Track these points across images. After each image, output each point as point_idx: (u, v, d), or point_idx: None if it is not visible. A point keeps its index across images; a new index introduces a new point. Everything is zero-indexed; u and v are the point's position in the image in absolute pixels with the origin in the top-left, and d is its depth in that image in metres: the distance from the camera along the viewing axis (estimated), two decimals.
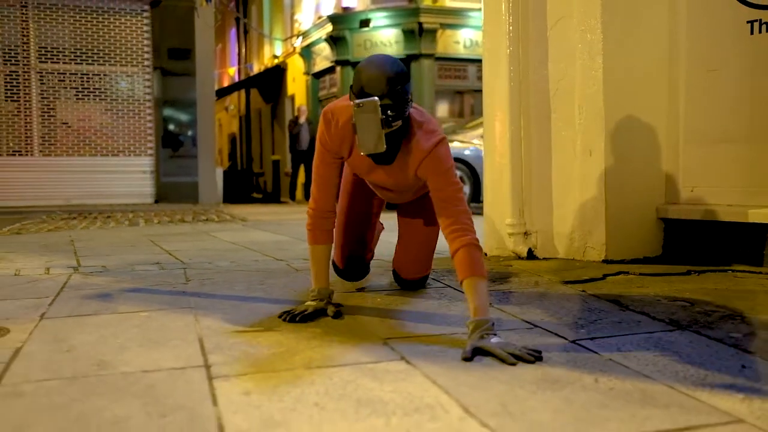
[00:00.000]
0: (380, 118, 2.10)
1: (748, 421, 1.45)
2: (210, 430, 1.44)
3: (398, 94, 2.15)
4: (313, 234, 2.47)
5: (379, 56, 2.27)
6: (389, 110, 2.14)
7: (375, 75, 2.15)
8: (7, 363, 1.93)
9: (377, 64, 2.20)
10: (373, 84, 2.14)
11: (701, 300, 2.54)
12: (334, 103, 2.44)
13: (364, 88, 2.15)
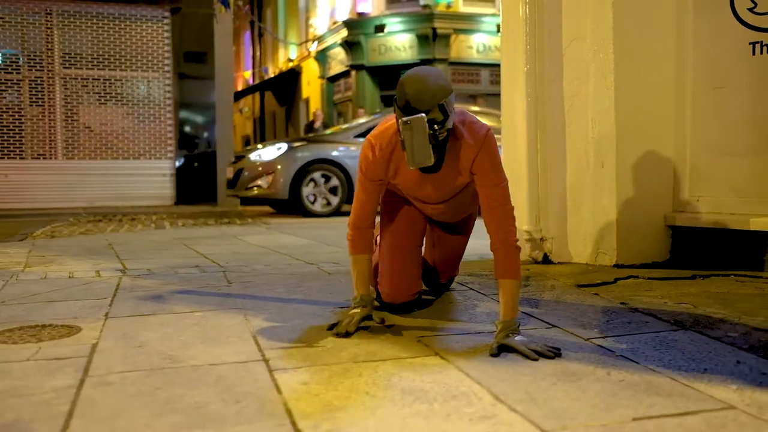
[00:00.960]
0: (428, 133, 2.16)
1: (739, 408, 1.70)
2: (279, 413, 1.70)
3: (443, 108, 2.20)
4: (354, 244, 2.53)
5: (422, 70, 2.28)
6: (435, 124, 2.19)
7: (420, 90, 2.18)
8: (88, 357, 2.20)
9: (421, 78, 2.21)
10: (419, 99, 2.17)
11: (704, 303, 2.79)
12: (374, 131, 2.52)
13: (410, 102, 2.18)
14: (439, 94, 2.20)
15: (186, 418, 1.67)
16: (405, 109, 2.20)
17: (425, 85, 2.19)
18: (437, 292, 3.10)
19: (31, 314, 2.80)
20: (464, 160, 2.38)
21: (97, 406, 1.77)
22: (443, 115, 2.21)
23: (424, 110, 2.17)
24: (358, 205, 2.54)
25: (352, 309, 2.47)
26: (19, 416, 1.69)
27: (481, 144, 2.35)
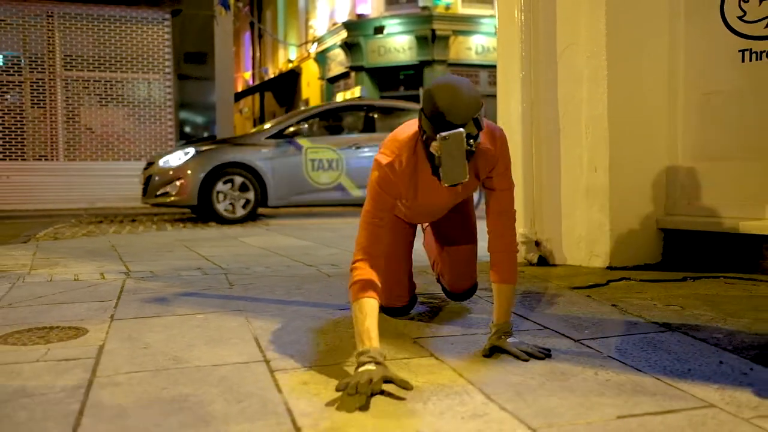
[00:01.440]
0: (465, 149, 2.03)
1: (718, 406, 1.78)
2: (280, 412, 1.78)
3: (477, 121, 2.08)
4: (361, 287, 2.13)
5: (453, 80, 2.12)
6: (471, 139, 2.07)
7: (457, 104, 2.03)
8: (96, 358, 2.28)
9: (455, 89, 2.06)
10: (456, 113, 2.02)
11: (692, 304, 2.87)
12: (386, 148, 2.29)
13: (446, 116, 2.01)
14: (473, 106, 2.06)
15: (192, 417, 1.75)
16: (437, 122, 2.04)
17: (460, 98, 2.04)
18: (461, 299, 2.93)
19: (39, 316, 2.89)
20: (483, 166, 2.30)
21: (105, 405, 1.85)
22: (477, 129, 2.08)
23: (460, 124, 2.02)
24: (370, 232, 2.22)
25: (364, 365, 1.94)
26: (32, 415, 1.78)
27: (500, 149, 2.29)
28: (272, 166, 8.44)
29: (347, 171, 8.69)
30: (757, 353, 2.21)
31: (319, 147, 8.66)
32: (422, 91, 2.19)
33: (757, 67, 3.50)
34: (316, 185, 8.61)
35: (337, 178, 8.66)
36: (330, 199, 8.76)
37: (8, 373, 2.13)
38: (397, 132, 2.35)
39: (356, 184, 8.70)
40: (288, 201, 8.61)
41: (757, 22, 3.48)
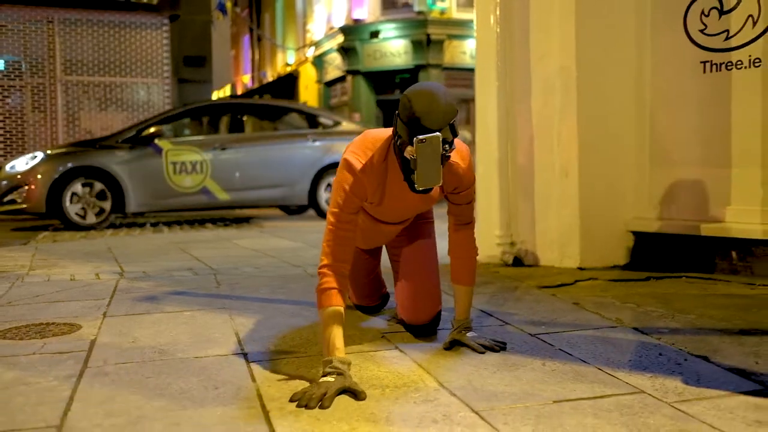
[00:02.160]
0: (441, 153, 2.07)
1: (647, 392, 1.97)
2: (251, 397, 1.98)
3: (453, 127, 2.11)
4: (328, 296, 2.17)
5: (431, 86, 2.14)
6: (446, 144, 2.10)
7: (434, 109, 2.06)
8: (88, 351, 2.47)
9: (432, 95, 2.09)
10: (433, 119, 2.05)
11: (647, 302, 3.06)
12: (354, 147, 2.32)
13: (422, 120, 2.04)
14: (450, 112, 2.10)
15: (171, 402, 1.94)
16: (413, 127, 2.07)
17: (438, 103, 2.07)
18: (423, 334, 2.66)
19: (36, 314, 3.08)
20: (450, 180, 2.33)
21: (94, 392, 2.04)
22: (453, 135, 2.12)
23: (436, 129, 2.05)
24: (337, 237, 2.23)
25: (326, 377, 2.01)
26: (27, 400, 1.97)
27: (468, 166, 2.35)
28: (129, 170, 7.82)
29: (213, 174, 8.14)
30: (695, 346, 2.40)
31: (181, 149, 8.08)
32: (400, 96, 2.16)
33: (717, 77, 3.69)
34: (179, 189, 8.01)
35: (201, 181, 8.13)
36: (195, 203, 8.22)
37: (6, 364, 2.33)
38: (369, 133, 2.38)
39: (223, 188, 8.23)
40: (151, 206, 8.03)
41: (717, 35, 3.67)
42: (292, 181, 8.54)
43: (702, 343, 2.44)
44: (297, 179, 8.55)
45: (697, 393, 1.96)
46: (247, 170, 8.33)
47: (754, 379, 2.06)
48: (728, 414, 1.79)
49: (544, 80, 4.06)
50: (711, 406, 1.86)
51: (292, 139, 8.78)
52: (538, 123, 4.10)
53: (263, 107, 10.08)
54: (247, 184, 8.34)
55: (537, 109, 4.11)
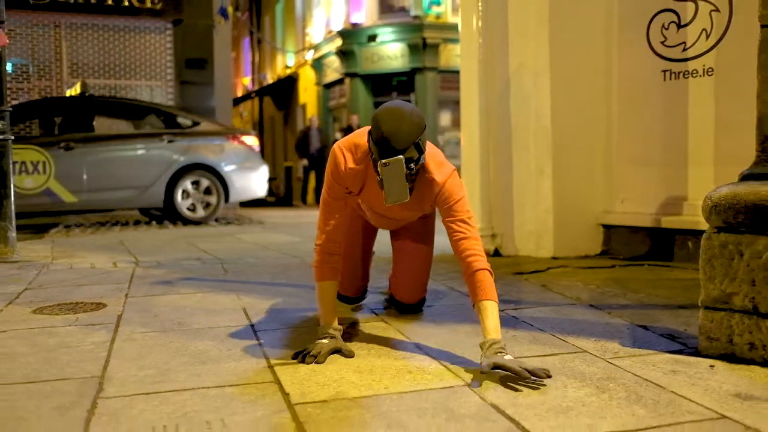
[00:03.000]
0: (405, 173, 2.17)
1: (589, 351, 2.37)
2: (259, 355, 2.37)
3: (418, 145, 2.22)
4: (321, 271, 2.45)
5: (398, 106, 2.26)
6: (412, 163, 2.21)
7: (398, 130, 2.18)
8: (116, 323, 2.87)
9: (398, 116, 2.20)
10: (397, 139, 2.17)
11: (607, 284, 3.46)
12: (345, 142, 2.49)
13: (389, 141, 2.17)
14: (415, 132, 2.20)
15: (192, 359, 2.34)
16: (381, 146, 2.19)
17: (402, 124, 2.19)
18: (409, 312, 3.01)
19: (66, 295, 3.48)
20: (428, 193, 2.43)
21: (126, 353, 2.44)
22: (418, 153, 2.24)
23: (401, 149, 2.17)
24: (327, 218, 2.47)
25: (321, 339, 2.36)
26: (72, 358, 2.36)
27: (443, 184, 2.40)
28: None
29: (57, 174, 7.63)
30: (638, 318, 2.80)
31: (21, 148, 7.45)
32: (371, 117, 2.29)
33: (676, 85, 4.09)
34: (20, 191, 7.17)
35: (44, 182, 7.59)
36: (38, 205, 7.68)
37: (47, 332, 2.72)
38: (358, 132, 2.52)
39: (69, 189, 7.77)
40: None
41: (676, 46, 4.07)
42: (145, 184, 8.18)
43: (644, 315, 2.84)
44: (150, 181, 8.18)
45: (630, 352, 2.36)
46: (95, 171, 7.94)
47: (679, 341, 2.46)
48: (651, 366, 2.19)
49: (521, 86, 4.45)
50: (639, 360, 2.25)
51: (144, 139, 8.48)
52: (515, 125, 4.50)
53: (117, 105, 9.69)
54: (96, 186, 7.94)
55: (514, 112, 4.51)
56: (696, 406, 1.85)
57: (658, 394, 1.94)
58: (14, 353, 2.43)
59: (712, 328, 2.28)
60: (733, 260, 2.24)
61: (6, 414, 1.85)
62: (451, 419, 1.78)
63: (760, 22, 2.32)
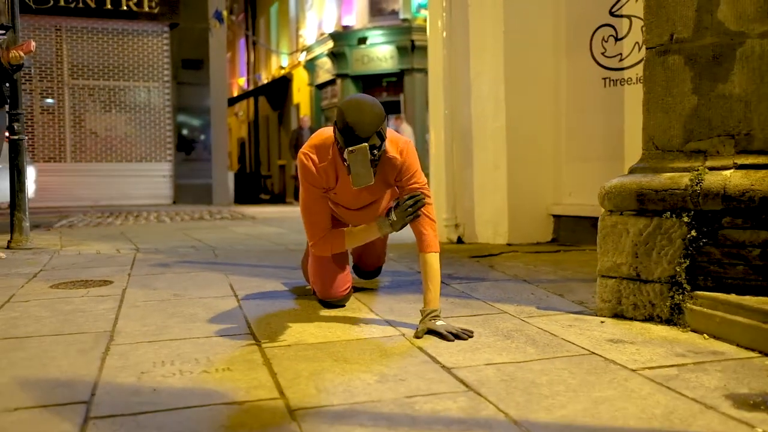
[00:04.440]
0: (369, 158, 2.40)
1: (509, 313, 2.91)
2: (240, 318, 2.90)
3: (380, 133, 2.45)
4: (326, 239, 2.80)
5: (360, 100, 2.47)
6: (375, 149, 2.44)
7: (362, 120, 2.40)
8: (121, 295, 3.40)
9: (361, 107, 2.43)
10: (361, 128, 2.39)
11: (543, 264, 4.01)
12: (306, 147, 2.74)
13: (354, 130, 2.39)
14: (376, 121, 2.42)
15: (185, 319, 2.87)
16: (346, 135, 2.42)
17: (365, 115, 2.41)
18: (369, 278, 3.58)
19: (77, 274, 4.01)
20: (390, 172, 2.70)
21: (131, 316, 2.97)
22: (380, 140, 2.47)
23: (365, 137, 2.39)
24: (311, 221, 2.76)
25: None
26: (87, 319, 2.90)
27: (405, 157, 2.68)
28: None
29: None
30: (558, 289, 3.34)
31: None
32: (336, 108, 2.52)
33: (613, 91, 4.63)
34: None
35: None
36: None
37: (65, 302, 3.26)
38: (321, 132, 2.78)
39: None
40: None
41: (614, 57, 4.62)
42: None
43: (564, 287, 3.39)
44: None
45: (542, 313, 2.90)
46: None
47: (584, 305, 3.01)
48: (554, 322, 2.73)
49: (480, 92, 5.00)
50: (546, 319, 2.79)
51: None
52: (475, 126, 5.05)
53: None
54: None
55: (474, 114, 5.05)
56: (575, 347, 2.39)
57: (551, 340, 2.48)
58: (39, 316, 2.97)
59: (605, 292, 2.83)
60: (621, 237, 2.79)
61: (42, 355, 2.39)
62: (383, 355, 2.33)
63: (645, 45, 2.86)
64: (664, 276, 2.67)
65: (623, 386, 1.99)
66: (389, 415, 1.81)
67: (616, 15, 4.56)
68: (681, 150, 2.76)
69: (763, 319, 2.30)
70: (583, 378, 2.06)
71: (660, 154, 2.82)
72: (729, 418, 1.74)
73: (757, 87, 2.57)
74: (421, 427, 1.72)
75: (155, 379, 2.11)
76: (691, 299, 2.59)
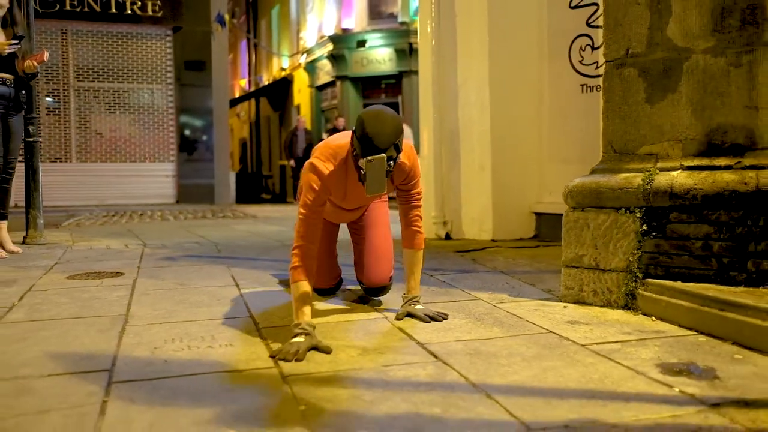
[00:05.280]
0: (386, 169, 2.47)
1: (483, 299, 3.22)
2: (241, 303, 3.22)
3: (397, 146, 2.51)
4: (299, 272, 2.58)
5: (381, 111, 2.53)
6: (391, 160, 2.50)
7: (382, 131, 2.45)
8: (132, 285, 3.72)
9: (381, 119, 2.49)
10: (381, 140, 2.44)
11: (521, 258, 4.33)
12: (319, 153, 2.72)
13: (373, 141, 2.43)
14: (395, 134, 2.49)
15: (190, 306, 3.20)
16: (365, 144, 2.46)
17: (385, 127, 2.47)
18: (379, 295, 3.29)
19: (90, 266, 4.34)
20: (398, 175, 2.79)
21: (142, 302, 3.29)
22: (397, 152, 2.52)
23: (383, 148, 2.44)
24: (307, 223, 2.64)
25: (296, 337, 2.44)
26: (103, 305, 3.22)
27: (413, 163, 2.79)
28: None
29: None
30: (531, 280, 3.66)
31: None
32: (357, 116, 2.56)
33: (590, 97, 4.95)
34: None
35: None
36: None
37: (81, 290, 3.58)
38: (331, 140, 2.80)
39: None
40: None
41: (590, 65, 4.94)
42: None
43: (536, 278, 3.71)
44: None
45: (512, 299, 3.22)
46: None
47: (552, 293, 3.33)
48: (521, 307, 3.05)
49: (466, 97, 5.32)
50: (515, 305, 3.11)
51: None
52: (462, 129, 5.37)
53: None
54: None
55: (461, 118, 5.37)
56: (537, 327, 2.71)
57: (516, 322, 2.80)
58: (59, 302, 3.29)
59: (568, 280, 3.15)
60: (583, 231, 3.11)
61: (65, 334, 2.71)
62: (367, 334, 2.65)
63: (604, 59, 3.18)
64: (620, 266, 2.99)
65: (571, 358, 2.31)
66: (367, 380, 2.13)
67: (593, 26, 4.88)
68: (636, 153, 3.08)
69: (700, 303, 2.62)
70: (537, 351, 2.38)
71: (617, 157, 3.14)
72: (654, 381, 2.06)
73: (701, 97, 2.88)
74: (393, 389, 2.04)
75: (166, 352, 2.43)
76: (642, 286, 2.91)
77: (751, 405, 1.86)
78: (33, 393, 2.03)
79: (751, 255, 2.68)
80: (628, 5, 3.09)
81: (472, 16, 5.27)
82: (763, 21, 2.75)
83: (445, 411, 1.86)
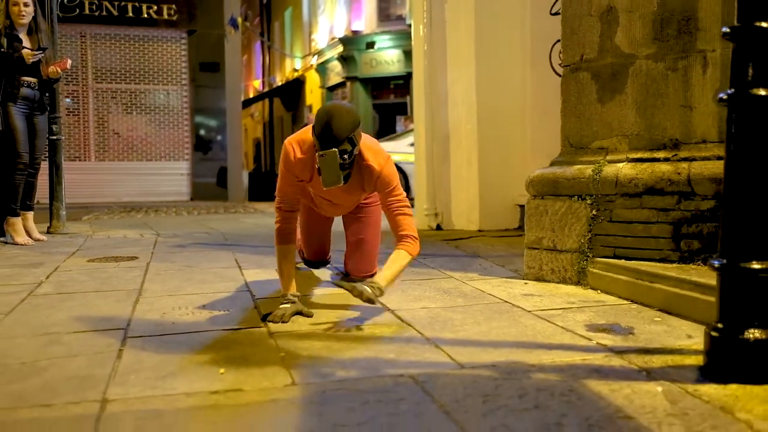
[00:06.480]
0: (339, 162, 2.58)
1: (455, 278, 3.63)
2: (241, 281, 3.65)
3: (351, 140, 2.61)
4: (282, 231, 2.95)
5: (336, 107, 2.65)
6: (345, 154, 2.61)
7: (334, 126, 2.57)
8: (146, 267, 4.16)
9: (335, 114, 2.60)
10: (333, 133, 2.57)
11: (499, 245, 4.73)
12: (294, 137, 2.94)
13: (326, 135, 2.56)
14: (349, 128, 2.60)
15: (197, 283, 3.63)
16: (321, 139, 2.59)
17: (338, 121, 2.58)
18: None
19: (108, 252, 4.79)
20: (368, 179, 2.89)
21: (155, 280, 3.73)
22: (351, 146, 2.63)
23: (336, 143, 2.57)
24: (283, 195, 2.92)
25: (283, 304, 2.80)
26: (120, 281, 3.66)
27: (381, 171, 2.85)
28: None
29: None
30: (501, 262, 4.06)
31: None
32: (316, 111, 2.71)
33: None
34: None
35: None
36: None
37: (101, 271, 4.02)
38: (305, 129, 2.95)
39: None
40: None
41: None
42: None
43: (507, 260, 4.11)
44: None
45: (481, 278, 3.62)
46: None
47: (518, 273, 3.72)
48: (487, 284, 3.45)
49: (455, 97, 5.72)
50: (482, 282, 3.51)
51: None
52: (452, 127, 5.77)
53: None
54: None
55: (451, 117, 5.77)
56: (495, 298, 3.11)
57: (479, 294, 3.21)
58: (81, 280, 3.73)
59: (530, 260, 3.55)
60: (542, 216, 3.51)
61: (88, 303, 3.15)
62: (348, 303, 3.07)
63: (562, 64, 3.58)
64: (573, 247, 3.38)
65: (515, 320, 2.71)
66: (340, 336, 2.55)
67: None
68: (589, 147, 3.47)
69: (635, 277, 3.01)
70: (489, 316, 2.79)
71: (573, 151, 3.54)
72: (578, 335, 2.47)
73: (645, 98, 3.27)
74: (360, 341, 2.46)
75: (174, 317, 2.86)
76: (592, 264, 3.30)
77: (650, 352, 2.26)
78: (63, 344, 2.47)
79: (684, 236, 3.06)
80: (582, 16, 3.49)
81: (461, 22, 5.67)
82: (696, 30, 3.13)
83: (398, 356, 2.28)
